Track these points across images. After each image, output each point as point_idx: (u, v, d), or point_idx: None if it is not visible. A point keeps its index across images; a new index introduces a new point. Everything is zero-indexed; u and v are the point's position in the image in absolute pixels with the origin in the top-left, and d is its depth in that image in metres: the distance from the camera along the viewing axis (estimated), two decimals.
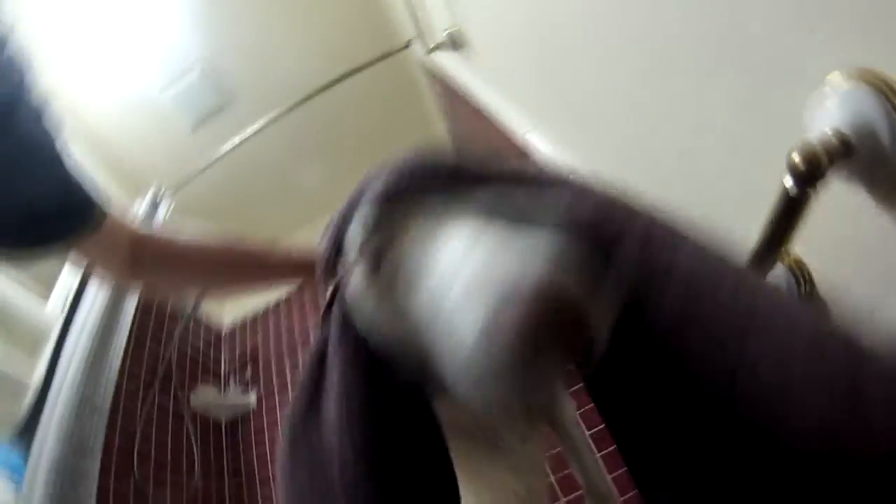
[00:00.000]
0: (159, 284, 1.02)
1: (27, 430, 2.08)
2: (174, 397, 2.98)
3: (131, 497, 2.37)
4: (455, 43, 2.02)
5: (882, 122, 0.50)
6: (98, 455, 1.89)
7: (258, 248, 1.06)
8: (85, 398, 1.93)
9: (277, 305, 3.83)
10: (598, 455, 1.28)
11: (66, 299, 2.43)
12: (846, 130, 0.54)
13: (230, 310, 3.96)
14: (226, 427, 3.35)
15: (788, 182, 0.54)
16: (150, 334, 2.97)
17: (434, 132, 3.77)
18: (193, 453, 2.91)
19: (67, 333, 2.27)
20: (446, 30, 2.01)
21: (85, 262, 0.88)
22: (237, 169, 3.41)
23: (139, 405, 2.67)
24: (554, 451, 1.45)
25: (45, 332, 2.30)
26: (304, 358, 3.42)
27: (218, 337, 3.81)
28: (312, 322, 3.61)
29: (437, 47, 2.10)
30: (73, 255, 0.84)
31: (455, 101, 2.35)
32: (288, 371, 3.45)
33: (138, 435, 2.56)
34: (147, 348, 2.89)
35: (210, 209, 3.54)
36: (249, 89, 3.54)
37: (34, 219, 0.76)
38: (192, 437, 2.94)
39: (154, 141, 3.57)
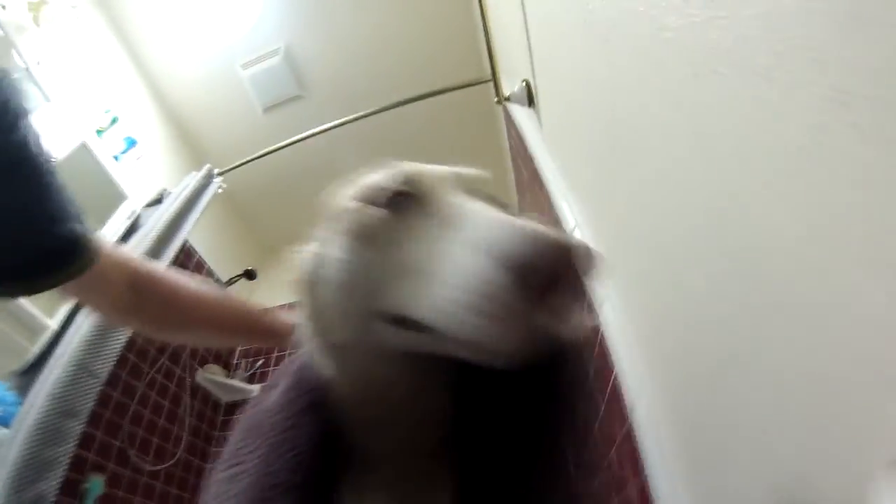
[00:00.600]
0: (149, 325, 1.01)
1: (32, 370, 2.15)
2: (182, 367, 3.03)
3: (113, 453, 2.43)
4: (529, 97, 1.87)
5: None
6: (84, 418, 1.91)
7: (250, 311, 1.07)
8: (84, 364, 1.96)
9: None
10: None
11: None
12: None
13: (260, 294, 4.01)
14: (224, 408, 3.39)
15: None
16: None
17: (502, 168, 3.74)
18: (185, 423, 2.96)
19: None
20: (524, 80, 1.86)
21: (76, 298, 0.87)
22: (296, 162, 3.45)
23: (147, 366, 2.73)
24: None
25: None
26: None
27: None
28: None
29: (509, 98, 1.99)
30: (62, 291, 0.81)
31: (520, 149, 2.26)
32: None
33: (138, 394, 2.62)
34: None
35: (259, 196, 3.60)
36: (326, 85, 3.60)
37: (20, 261, 0.75)
38: (189, 409, 2.99)
39: (225, 116, 3.68)
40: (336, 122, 2.79)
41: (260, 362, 3.55)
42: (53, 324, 2.22)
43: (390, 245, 0.51)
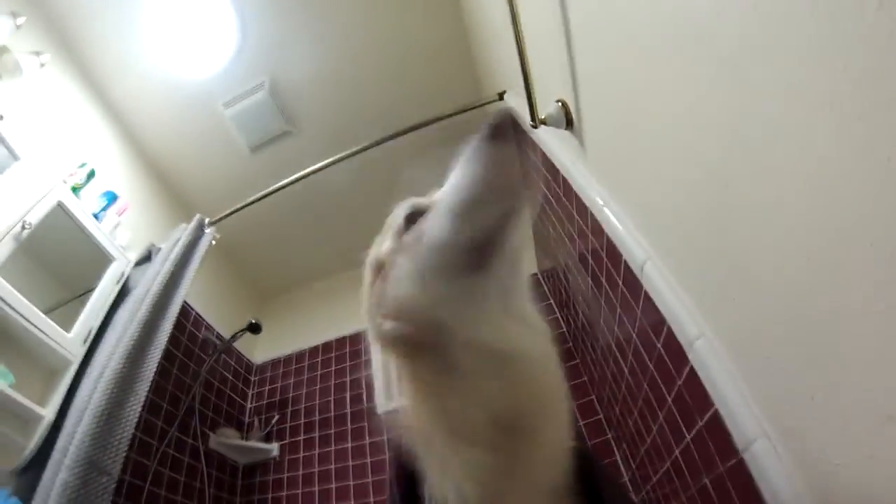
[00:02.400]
0: None
1: (32, 467, 1.90)
2: (193, 436, 2.77)
3: None
4: (567, 118, 1.68)
5: None
6: None
7: None
8: (93, 461, 1.70)
9: (315, 349, 3.60)
10: None
11: (91, 331, 2.24)
12: None
13: (264, 345, 3.75)
14: (242, 472, 3.13)
15: None
16: (177, 364, 2.78)
17: None
18: (205, 496, 2.70)
19: (88, 364, 2.07)
20: (558, 100, 1.69)
21: None
22: (290, 201, 3.22)
23: (156, 441, 2.47)
24: None
25: (64, 361, 2.10)
26: (334, 412, 3.20)
27: (248, 372, 3.60)
28: (349, 373, 3.39)
29: (545, 121, 1.78)
30: None
31: (543, 171, 2.11)
32: (317, 427, 3.21)
33: (150, 474, 2.37)
34: (173, 379, 2.70)
35: (252, 241, 3.37)
36: (317, 119, 3.36)
37: None
38: (206, 480, 2.72)
39: (210, 159, 3.42)
40: (329, 159, 2.56)
41: (275, 419, 3.29)
42: (48, 413, 2.01)
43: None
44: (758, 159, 0.79)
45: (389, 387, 0.78)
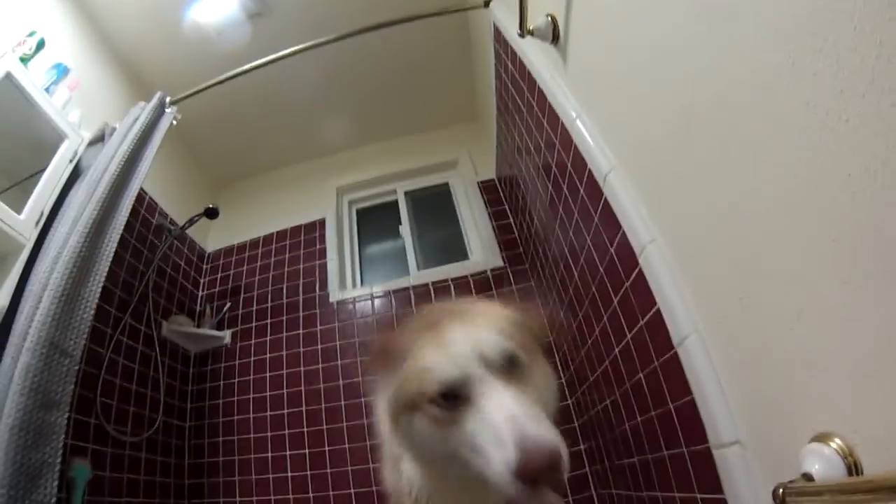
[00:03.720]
0: None
1: None
2: (147, 324, 2.77)
3: (91, 432, 2.21)
4: (554, 33, 1.69)
5: None
6: (66, 407, 1.67)
7: None
8: (55, 343, 1.69)
9: (269, 237, 3.59)
10: None
11: (43, 213, 2.17)
12: None
13: (217, 233, 3.71)
14: (194, 360, 3.18)
15: None
16: (130, 250, 2.73)
17: (478, 99, 3.49)
18: (159, 384, 2.75)
19: (41, 247, 2.01)
20: (548, 14, 1.69)
21: None
22: (254, 88, 3.09)
23: (110, 329, 2.47)
24: None
25: (15, 244, 2.06)
26: (286, 300, 3.23)
27: (201, 259, 3.59)
28: (302, 261, 3.41)
29: (533, 32, 1.75)
30: None
31: (520, 81, 2.11)
32: (269, 314, 3.25)
33: (105, 362, 2.38)
34: (126, 266, 2.67)
35: (215, 124, 3.24)
36: (289, 4, 3.13)
37: None
38: (160, 368, 2.76)
39: (173, 37, 3.17)
40: (298, 46, 2.45)
41: (227, 306, 3.31)
42: (1, 299, 1.96)
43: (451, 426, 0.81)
44: (723, 100, 0.88)
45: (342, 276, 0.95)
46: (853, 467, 0.67)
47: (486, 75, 2.93)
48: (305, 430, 2.81)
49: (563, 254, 2.03)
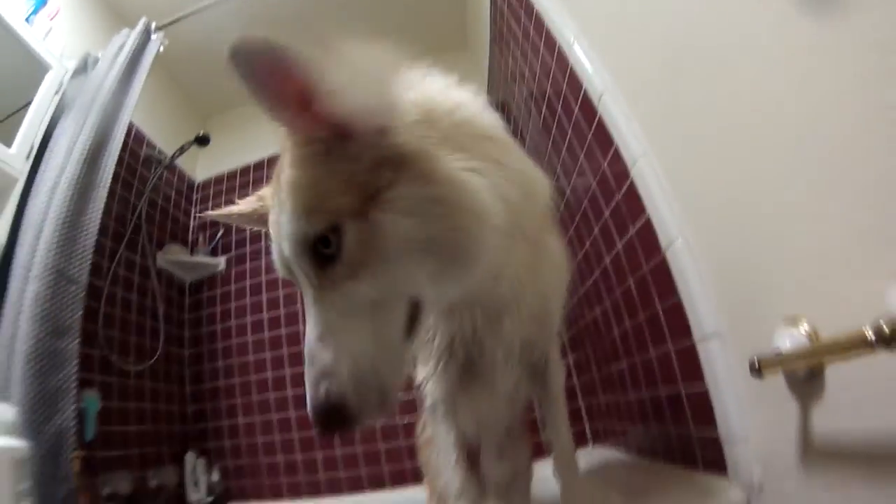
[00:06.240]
0: None
1: None
2: (142, 254, 2.75)
3: (96, 364, 2.23)
4: None
5: None
6: (76, 334, 1.67)
7: None
8: (60, 270, 1.68)
9: (260, 164, 3.51)
10: None
11: (33, 146, 2.10)
12: None
13: (204, 163, 3.63)
14: (189, 288, 3.17)
15: None
16: (121, 182, 2.68)
17: (470, 27, 3.41)
18: (158, 313, 2.75)
19: (34, 182, 1.97)
20: None
21: None
22: (240, 14, 2.96)
23: (106, 261, 2.45)
24: None
25: (8, 179, 1.99)
26: None
27: (191, 190, 3.53)
28: None
29: None
30: None
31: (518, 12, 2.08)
32: (263, 237, 3.20)
33: (104, 294, 2.37)
34: (117, 198, 2.62)
35: (201, 51, 3.13)
36: None
37: None
38: (156, 297, 2.76)
39: None
40: None
41: (220, 233, 3.28)
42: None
43: None
44: (708, 45, 0.96)
45: None
46: (814, 340, 0.75)
47: (479, 3, 2.86)
48: None
49: (554, 173, 2.04)
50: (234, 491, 2.74)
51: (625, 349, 1.68)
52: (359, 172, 0.64)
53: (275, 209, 0.70)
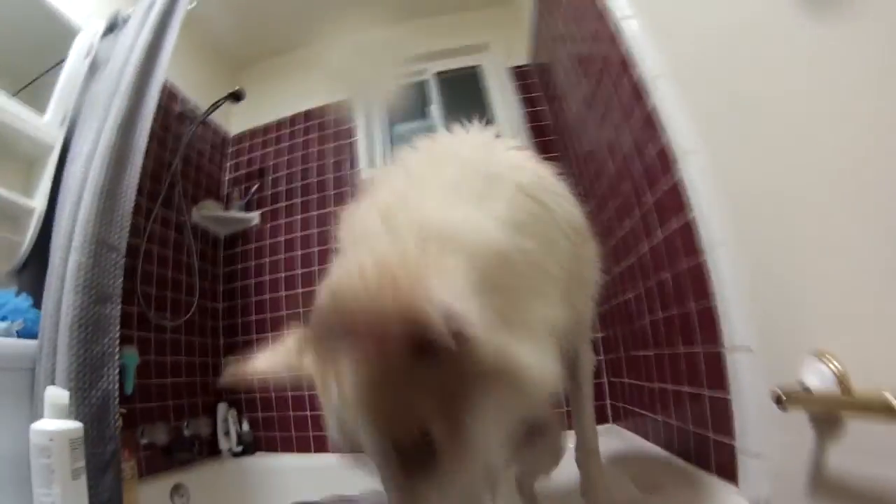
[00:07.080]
0: None
1: (32, 262, 1.89)
2: (177, 211, 2.80)
3: (134, 320, 2.30)
4: None
5: None
6: (118, 299, 1.72)
7: None
8: (101, 239, 1.72)
9: (295, 118, 3.52)
10: None
11: (66, 112, 2.10)
12: None
13: (239, 115, 3.63)
14: (224, 243, 3.23)
15: None
16: (156, 140, 2.70)
17: None
18: (193, 269, 2.81)
19: (70, 147, 2.00)
20: None
21: None
22: None
23: (143, 219, 2.50)
24: None
25: (44, 147, 2.01)
26: (316, 179, 3.21)
27: (225, 143, 3.55)
28: (332, 140, 3.37)
29: None
30: None
31: None
32: (298, 193, 3.25)
33: (142, 251, 2.43)
34: (153, 156, 2.64)
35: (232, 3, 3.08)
36: None
37: None
38: (192, 253, 2.82)
39: None
40: None
41: (255, 187, 3.32)
42: (38, 204, 1.94)
43: None
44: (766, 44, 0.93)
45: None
46: (843, 385, 0.74)
47: None
48: None
49: (599, 147, 2.02)
50: (262, 442, 2.86)
51: (654, 339, 1.69)
52: (438, 375, 0.63)
53: (335, 395, 0.65)
